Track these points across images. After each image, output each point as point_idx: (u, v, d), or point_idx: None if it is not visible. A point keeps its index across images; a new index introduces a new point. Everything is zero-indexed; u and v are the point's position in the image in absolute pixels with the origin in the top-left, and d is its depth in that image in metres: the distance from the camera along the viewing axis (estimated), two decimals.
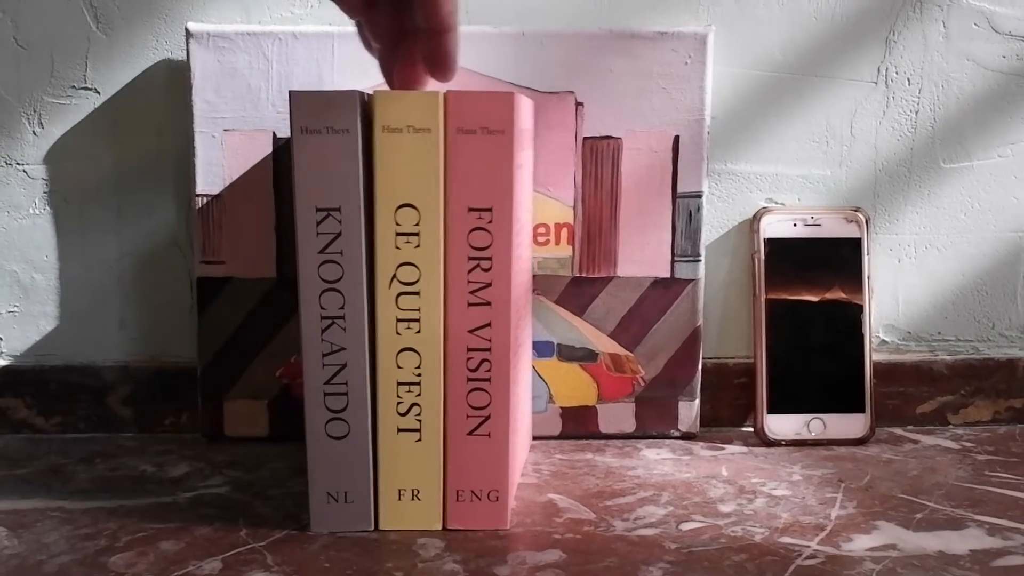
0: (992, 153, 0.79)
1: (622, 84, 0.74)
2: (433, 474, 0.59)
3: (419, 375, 0.58)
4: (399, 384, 0.58)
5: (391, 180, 0.56)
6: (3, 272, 0.80)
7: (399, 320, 0.57)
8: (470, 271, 0.57)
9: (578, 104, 0.74)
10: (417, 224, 0.56)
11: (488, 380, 0.58)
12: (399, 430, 0.58)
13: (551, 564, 0.55)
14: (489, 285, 0.57)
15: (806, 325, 0.77)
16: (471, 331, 0.58)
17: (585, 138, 0.74)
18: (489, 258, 0.57)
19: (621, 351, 0.76)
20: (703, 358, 0.77)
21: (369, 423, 0.58)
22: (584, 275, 0.75)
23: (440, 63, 0.56)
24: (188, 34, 0.72)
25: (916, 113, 0.79)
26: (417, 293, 0.57)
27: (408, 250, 0.57)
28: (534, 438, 0.76)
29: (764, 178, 0.79)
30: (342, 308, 0.57)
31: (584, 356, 0.76)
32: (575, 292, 0.76)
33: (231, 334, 0.76)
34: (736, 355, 0.81)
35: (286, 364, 0.76)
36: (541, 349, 0.76)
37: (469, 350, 0.58)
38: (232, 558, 0.55)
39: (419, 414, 0.58)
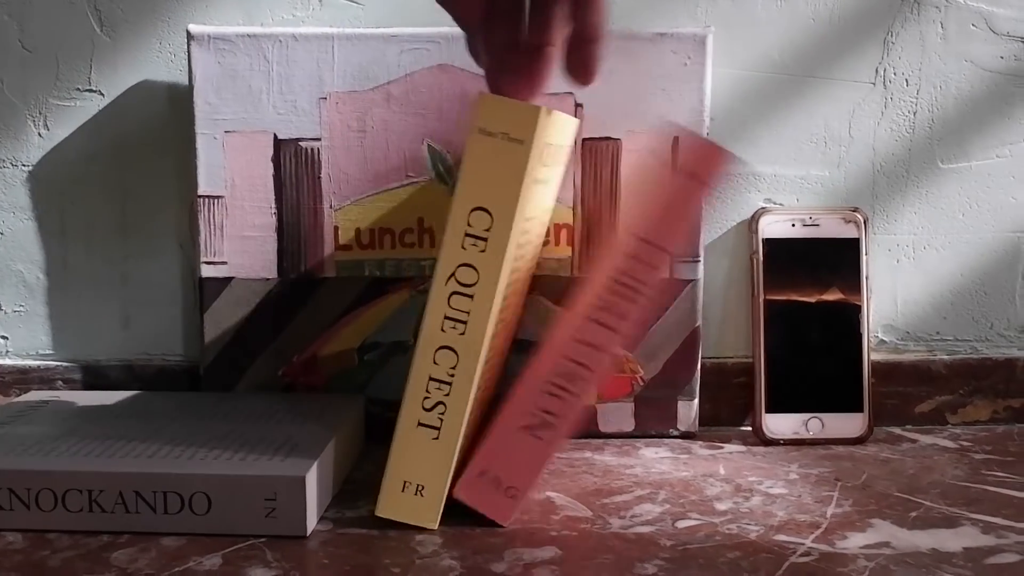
0: (990, 153, 0.79)
1: (621, 85, 0.74)
2: (441, 474, 0.59)
3: (452, 375, 0.58)
4: (431, 380, 0.58)
5: (474, 181, 0.56)
6: (9, 272, 0.81)
7: (446, 318, 0.58)
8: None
9: (577, 105, 0.74)
10: (488, 229, 0.57)
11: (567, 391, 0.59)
12: (419, 424, 0.58)
13: (547, 560, 0.55)
14: None
15: (805, 325, 0.78)
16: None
17: (584, 139, 0.75)
18: None
19: (620, 351, 0.77)
20: (702, 358, 0.78)
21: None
22: (583, 275, 0.76)
23: (583, 69, 0.57)
24: (189, 36, 0.73)
25: (914, 114, 0.79)
26: (471, 296, 0.57)
27: (472, 252, 0.57)
28: None
29: (763, 179, 0.80)
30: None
31: None
32: (574, 292, 0.76)
33: (234, 334, 0.76)
34: (735, 355, 0.81)
35: (288, 364, 0.77)
36: None
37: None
38: (232, 554, 0.56)
39: (443, 413, 0.58)
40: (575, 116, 0.74)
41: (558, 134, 0.63)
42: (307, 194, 0.75)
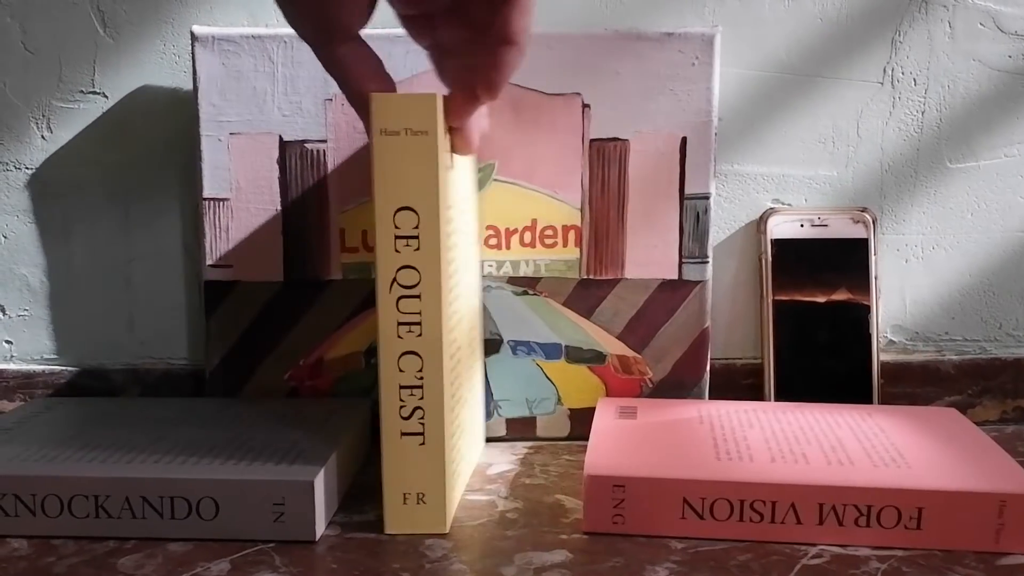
0: (999, 153, 0.79)
1: (629, 86, 0.74)
2: (437, 478, 0.59)
3: (421, 378, 0.58)
4: (401, 388, 0.58)
5: (390, 183, 0.56)
6: (13, 276, 0.80)
7: (399, 323, 0.57)
8: None
9: (585, 106, 0.74)
10: (416, 227, 0.56)
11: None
12: (402, 434, 0.58)
13: (557, 564, 0.55)
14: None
15: (813, 325, 0.77)
16: None
17: (592, 140, 0.74)
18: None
19: (629, 353, 0.76)
20: (711, 359, 0.77)
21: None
22: (591, 277, 0.76)
23: (490, 79, 0.55)
24: (193, 37, 0.73)
25: (922, 113, 0.79)
26: (418, 296, 0.57)
27: (407, 253, 0.57)
28: (543, 439, 0.76)
29: (771, 179, 0.79)
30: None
31: (592, 358, 0.76)
32: (582, 294, 0.76)
33: (239, 337, 0.76)
34: (744, 356, 0.81)
35: (294, 367, 0.76)
36: (549, 351, 0.76)
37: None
38: (240, 560, 0.56)
39: (422, 417, 0.58)
40: (582, 117, 0.74)
41: None
42: (313, 196, 0.75)
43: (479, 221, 0.74)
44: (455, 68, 0.57)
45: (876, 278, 0.78)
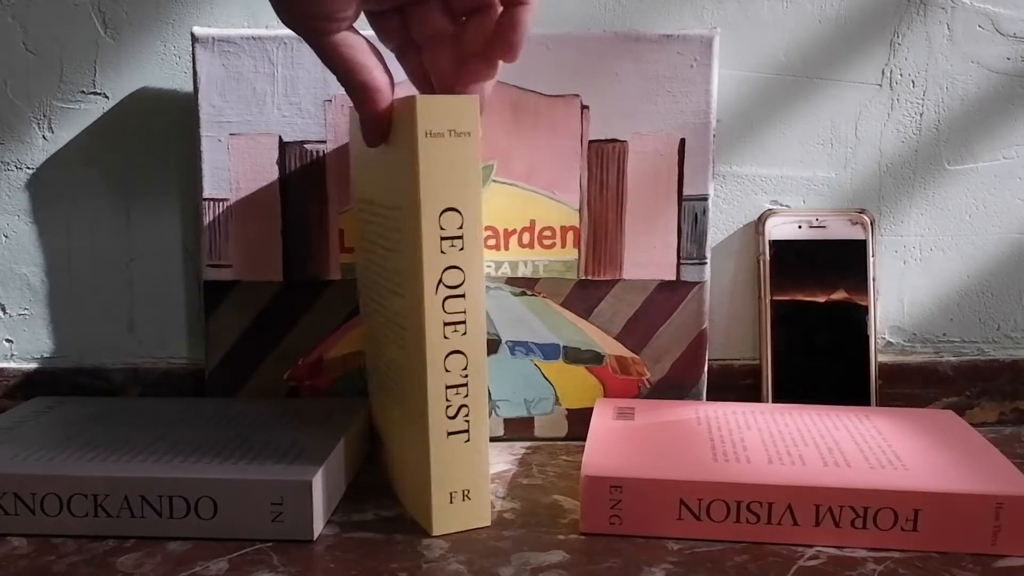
0: (997, 155, 0.79)
1: (628, 87, 0.74)
2: (482, 472, 0.59)
3: (466, 376, 0.58)
4: (447, 388, 0.58)
5: (436, 184, 0.56)
6: (13, 275, 0.81)
7: (446, 324, 0.57)
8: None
9: (584, 107, 0.74)
10: (460, 227, 0.57)
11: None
12: (448, 434, 0.58)
13: (554, 565, 0.55)
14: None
15: (811, 327, 0.77)
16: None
17: (591, 141, 0.74)
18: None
19: (627, 353, 0.76)
20: (709, 360, 0.77)
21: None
22: (590, 278, 0.76)
23: (507, 39, 0.57)
24: (193, 38, 0.73)
25: (921, 115, 0.79)
26: (463, 295, 0.58)
27: (453, 254, 0.57)
28: (540, 440, 0.77)
29: (769, 180, 0.79)
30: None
31: (590, 358, 0.76)
32: (581, 295, 0.76)
33: (238, 337, 0.76)
34: (742, 357, 0.81)
35: (293, 367, 0.77)
36: (547, 352, 0.76)
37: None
38: (238, 559, 0.56)
39: (467, 415, 0.58)
40: (581, 118, 0.74)
41: None
42: (312, 197, 0.75)
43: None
44: (444, 55, 0.59)
45: (874, 279, 0.78)
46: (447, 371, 0.58)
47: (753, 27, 0.78)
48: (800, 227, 0.78)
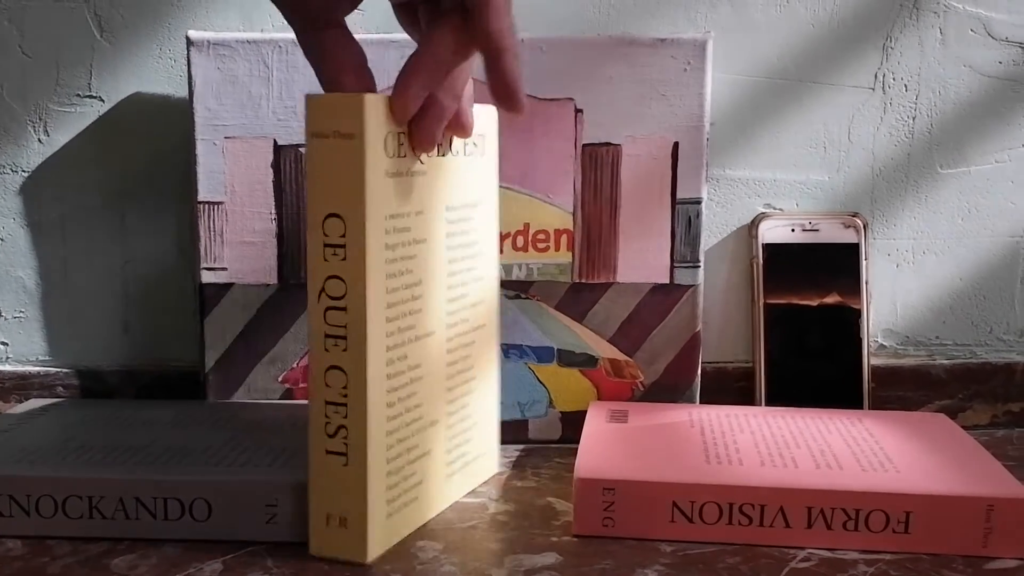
0: (989, 159, 0.80)
1: (621, 91, 0.74)
2: (359, 502, 0.55)
3: (345, 396, 0.54)
4: (327, 404, 0.55)
5: (319, 188, 0.53)
6: (9, 278, 0.81)
7: (327, 336, 0.54)
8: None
9: (577, 111, 0.74)
10: (343, 235, 0.53)
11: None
12: (327, 452, 0.55)
13: (547, 567, 0.56)
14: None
15: (804, 330, 0.78)
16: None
17: (584, 145, 0.75)
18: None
19: (621, 356, 0.77)
20: (702, 363, 0.78)
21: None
22: (584, 281, 0.76)
23: (500, 91, 0.54)
24: (189, 42, 0.73)
25: (913, 119, 0.79)
26: (345, 308, 0.54)
27: (335, 263, 0.54)
28: (534, 442, 0.77)
29: (762, 184, 0.80)
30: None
31: (584, 361, 0.77)
32: (575, 298, 0.76)
33: (233, 339, 0.76)
34: (735, 360, 0.81)
35: (288, 369, 0.77)
36: (541, 354, 0.76)
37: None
38: (233, 561, 0.56)
39: (346, 437, 0.55)
40: (574, 121, 0.74)
41: None
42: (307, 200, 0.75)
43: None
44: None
45: (867, 283, 0.78)
46: (327, 386, 0.54)
47: (746, 31, 0.78)
48: (793, 230, 0.78)
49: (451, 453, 0.64)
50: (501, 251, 0.75)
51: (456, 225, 0.62)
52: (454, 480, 0.64)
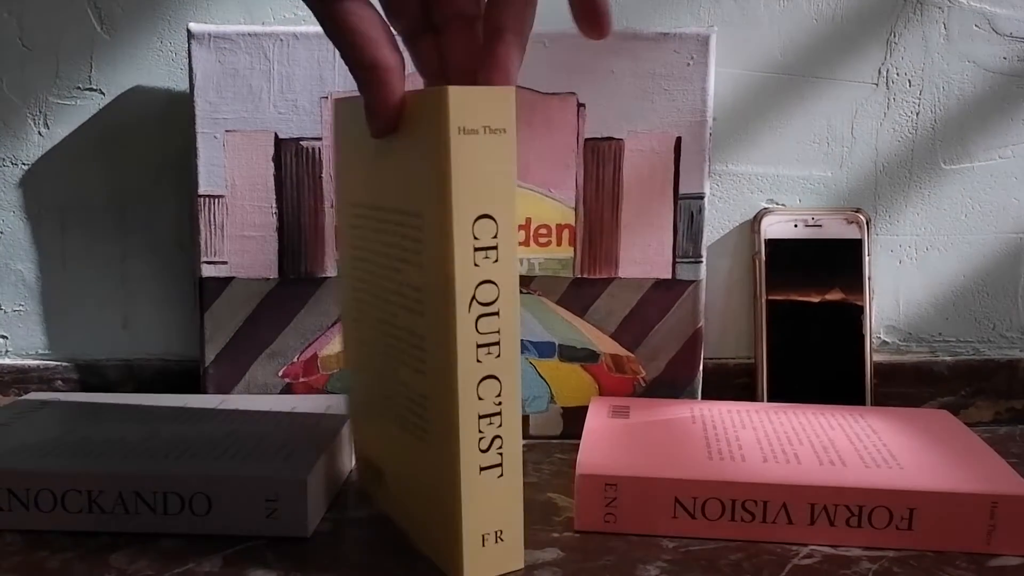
0: (993, 154, 0.79)
1: (624, 85, 0.74)
2: (515, 510, 0.53)
3: (499, 403, 0.51)
4: (480, 418, 0.51)
5: (469, 188, 0.49)
6: (8, 271, 0.80)
7: (479, 346, 0.51)
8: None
9: (580, 105, 0.74)
10: (495, 236, 0.50)
11: None
12: (481, 469, 0.52)
13: (549, 563, 0.55)
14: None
15: (807, 326, 0.77)
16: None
17: (587, 139, 0.74)
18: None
19: (622, 352, 0.76)
20: (704, 358, 0.77)
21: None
22: (585, 276, 0.76)
23: (591, 11, 0.50)
24: (190, 35, 0.73)
25: (917, 114, 0.79)
26: (497, 313, 0.51)
27: (487, 266, 0.50)
28: (535, 438, 0.77)
29: (765, 179, 0.79)
30: None
31: (585, 357, 0.76)
32: (576, 293, 0.76)
33: (234, 334, 0.76)
34: (737, 356, 0.81)
35: (289, 364, 0.77)
36: (542, 350, 0.76)
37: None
38: (233, 555, 0.56)
39: (500, 447, 0.52)
40: (577, 116, 0.74)
41: None
42: (308, 194, 0.75)
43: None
44: (465, 40, 0.52)
45: (870, 279, 0.78)
46: (480, 398, 0.51)
47: (750, 25, 0.78)
48: (796, 226, 0.78)
49: None
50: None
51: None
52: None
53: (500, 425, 0.51)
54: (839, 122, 0.79)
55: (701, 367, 0.77)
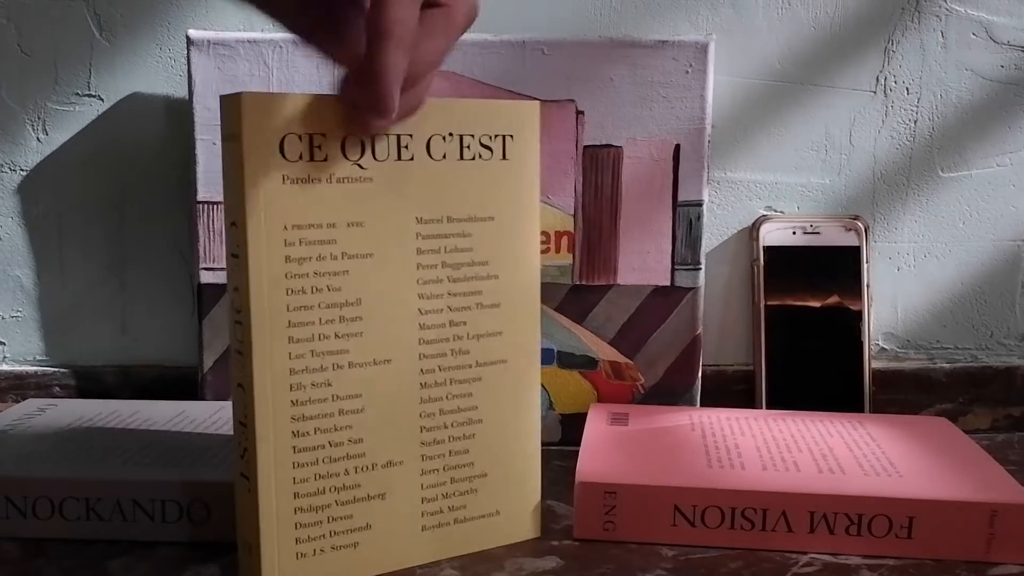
0: (990, 162, 0.79)
1: (623, 93, 0.74)
2: (253, 529, 0.51)
3: (246, 415, 0.51)
4: (237, 423, 0.53)
5: (226, 195, 0.50)
6: (7, 277, 0.80)
7: (236, 351, 0.51)
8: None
9: (579, 112, 0.74)
10: (238, 244, 0.49)
11: None
12: (240, 475, 0.52)
13: (548, 571, 0.55)
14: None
15: (805, 333, 0.77)
16: None
17: (586, 146, 0.74)
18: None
19: (621, 358, 0.76)
20: (702, 365, 0.77)
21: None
22: (584, 283, 0.76)
23: (365, 95, 0.46)
24: (189, 41, 0.73)
25: (915, 122, 0.79)
26: (241, 323, 0.50)
27: (234, 273, 0.50)
28: None
29: (763, 186, 0.79)
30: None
31: (584, 363, 0.76)
32: (575, 300, 0.76)
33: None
34: (735, 362, 0.81)
35: None
36: (542, 356, 0.76)
37: None
38: (230, 563, 0.56)
39: (249, 459, 0.51)
40: (575, 123, 0.74)
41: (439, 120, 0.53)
42: None
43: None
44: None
45: (868, 286, 0.78)
46: (235, 404, 0.52)
47: (748, 33, 0.78)
48: (794, 233, 0.78)
49: (432, 503, 0.56)
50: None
51: (437, 241, 0.54)
52: (439, 534, 0.56)
53: (247, 437, 0.51)
54: (837, 130, 0.79)
55: (700, 374, 0.77)
